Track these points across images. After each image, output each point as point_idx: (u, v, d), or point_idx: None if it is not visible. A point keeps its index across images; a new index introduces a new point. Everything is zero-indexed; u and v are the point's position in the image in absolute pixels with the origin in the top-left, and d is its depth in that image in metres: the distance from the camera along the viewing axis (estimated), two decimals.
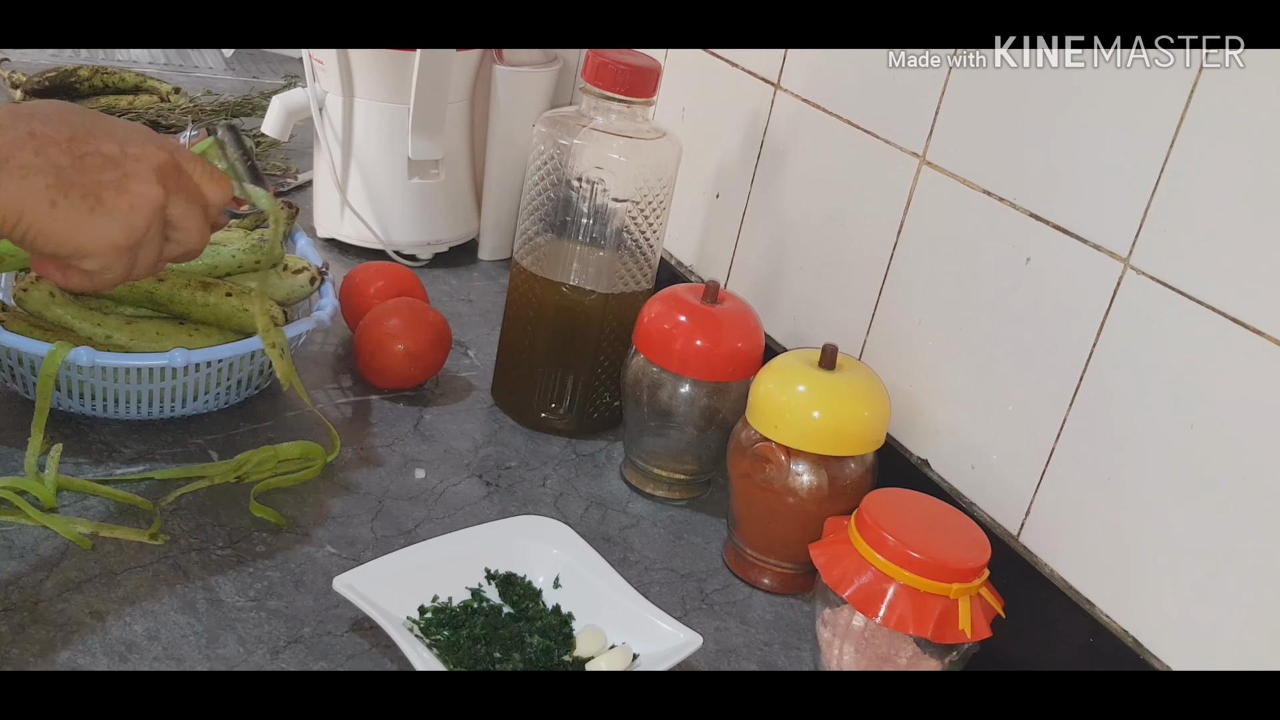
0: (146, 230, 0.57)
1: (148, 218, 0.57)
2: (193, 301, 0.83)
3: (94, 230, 0.55)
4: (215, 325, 0.84)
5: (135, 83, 1.40)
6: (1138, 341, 0.66)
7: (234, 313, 0.84)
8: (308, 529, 0.75)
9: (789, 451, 0.76)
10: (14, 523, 0.70)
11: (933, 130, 0.79)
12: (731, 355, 0.83)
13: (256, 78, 1.64)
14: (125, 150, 0.56)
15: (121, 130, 0.57)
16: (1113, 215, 0.67)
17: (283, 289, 0.88)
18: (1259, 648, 0.60)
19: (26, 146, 0.53)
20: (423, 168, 1.12)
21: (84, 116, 0.56)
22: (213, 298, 0.83)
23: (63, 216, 0.54)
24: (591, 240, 0.87)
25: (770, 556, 0.79)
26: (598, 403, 0.92)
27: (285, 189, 1.29)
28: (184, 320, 0.84)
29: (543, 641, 0.67)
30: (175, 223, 0.59)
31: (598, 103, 0.85)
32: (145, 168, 0.56)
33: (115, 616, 0.65)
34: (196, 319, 0.84)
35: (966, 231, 0.77)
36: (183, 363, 0.78)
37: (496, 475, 0.85)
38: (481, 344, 1.04)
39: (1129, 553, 0.66)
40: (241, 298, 0.84)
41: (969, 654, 0.68)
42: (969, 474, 0.78)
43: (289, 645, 0.66)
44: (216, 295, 0.83)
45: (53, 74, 1.36)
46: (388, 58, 1.06)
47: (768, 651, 0.74)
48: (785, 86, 0.93)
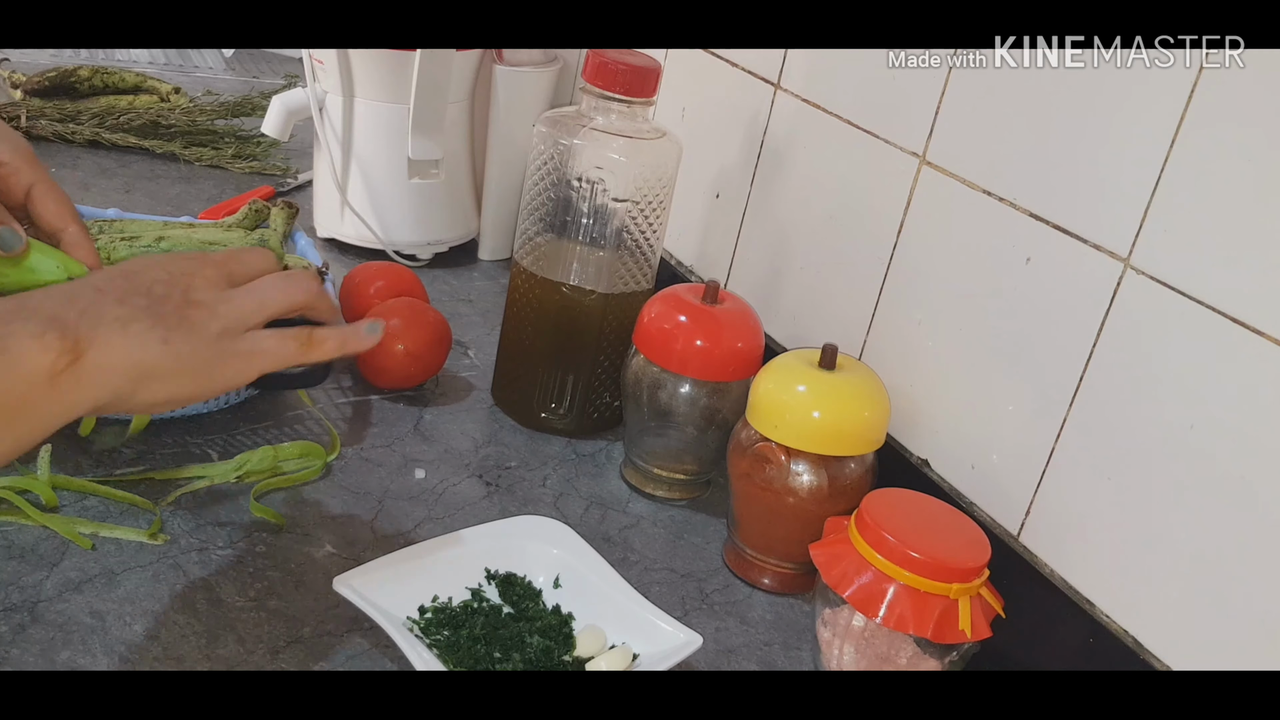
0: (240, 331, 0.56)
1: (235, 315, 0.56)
2: None
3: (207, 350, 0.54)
4: None
5: (135, 83, 1.40)
6: (1138, 341, 0.66)
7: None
8: (308, 529, 0.75)
9: (789, 451, 0.76)
10: (14, 523, 0.70)
11: (933, 130, 0.79)
12: (731, 355, 0.83)
13: (256, 78, 1.64)
14: (171, 271, 0.56)
15: (155, 260, 0.57)
16: (1113, 215, 0.67)
17: None
18: (1259, 648, 0.60)
19: (106, 300, 0.52)
20: (423, 168, 1.12)
21: (119, 265, 0.56)
22: None
23: (179, 350, 0.52)
24: (591, 240, 0.87)
25: (770, 556, 0.79)
26: (598, 403, 0.92)
27: (285, 189, 1.29)
28: None
29: (543, 641, 0.67)
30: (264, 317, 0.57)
31: (598, 103, 0.85)
32: (201, 279, 0.56)
33: (115, 616, 0.65)
34: None
35: (966, 231, 0.77)
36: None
37: (496, 475, 0.85)
38: (481, 344, 1.04)
39: (1129, 553, 0.66)
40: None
41: (969, 654, 0.68)
42: (969, 474, 0.78)
43: (289, 645, 0.66)
44: None
45: (53, 74, 1.36)
46: (388, 58, 1.06)
47: (768, 651, 0.74)
48: (785, 86, 0.93)
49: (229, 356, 0.55)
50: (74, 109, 1.31)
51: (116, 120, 1.30)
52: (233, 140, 1.35)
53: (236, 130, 1.37)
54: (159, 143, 1.30)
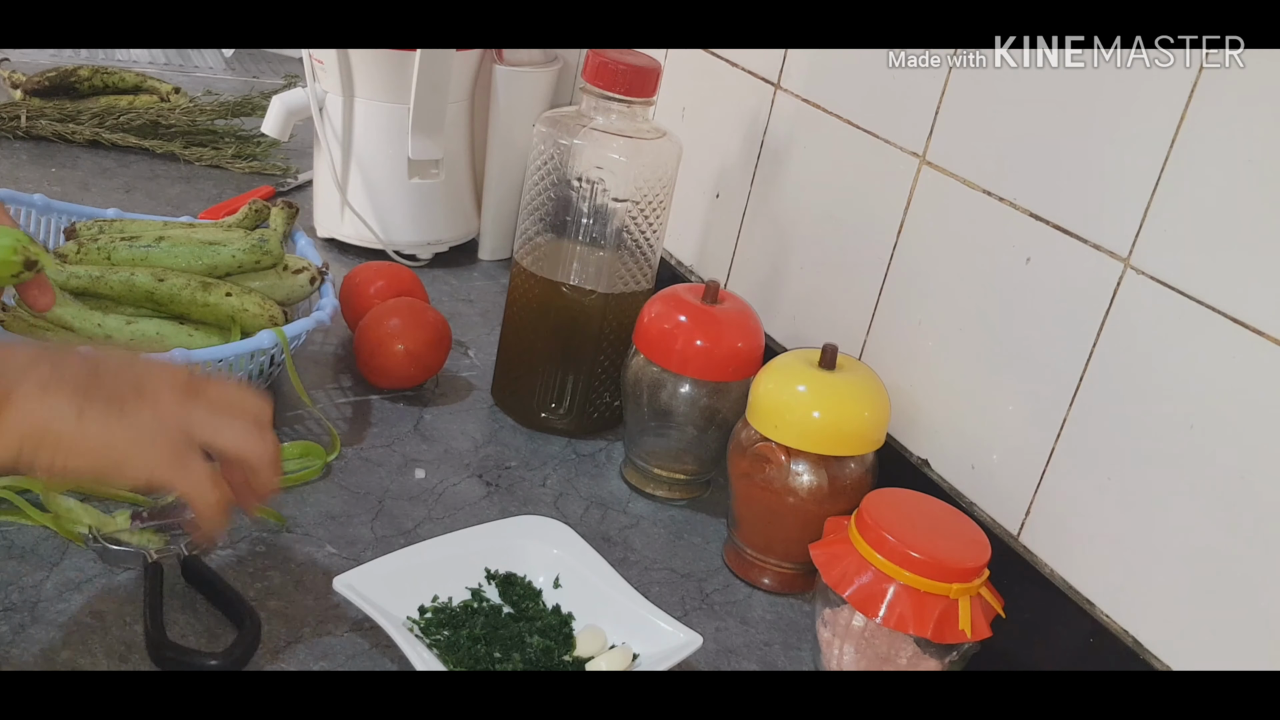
0: (178, 437, 0.55)
1: (174, 424, 0.55)
2: (193, 301, 0.83)
3: (126, 438, 0.53)
4: (215, 325, 0.84)
5: (135, 83, 1.40)
6: (1138, 341, 0.66)
7: (234, 313, 0.84)
8: (308, 529, 0.75)
9: (789, 451, 0.76)
10: (14, 523, 0.70)
11: (933, 130, 0.79)
12: (731, 355, 0.83)
13: (256, 78, 1.64)
14: (136, 368, 0.56)
15: (131, 357, 0.57)
16: (1113, 215, 0.67)
17: (283, 289, 0.88)
18: (1259, 648, 0.60)
19: (43, 363, 0.53)
20: (423, 168, 1.12)
21: (96, 352, 0.57)
22: (213, 298, 0.83)
23: (92, 424, 0.52)
24: (591, 240, 0.87)
25: (770, 556, 0.79)
26: (598, 403, 0.92)
27: (285, 189, 1.29)
28: (184, 320, 0.84)
29: (543, 641, 0.67)
30: (207, 436, 0.56)
31: (598, 103, 0.85)
32: (159, 379, 0.56)
33: (115, 616, 0.65)
34: (196, 319, 0.84)
35: (966, 231, 0.77)
36: (183, 363, 0.78)
37: (496, 475, 0.85)
38: (481, 344, 1.04)
39: (1129, 553, 0.66)
40: (241, 297, 0.84)
41: (969, 654, 0.68)
42: (969, 474, 0.78)
43: (289, 645, 0.66)
44: (216, 295, 0.83)
45: (53, 74, 1.36)
46: (388, 58, 1.06)
47: (768, 651, 0.74)
48: (785, 86, 0.93)
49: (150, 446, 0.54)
50: (74, 109, 1.31)
51: (116, 120, 1.30)
52: (233, 140, 1.35)
53: (236, 130, 1.37)
54: (159, 143, 1.30)
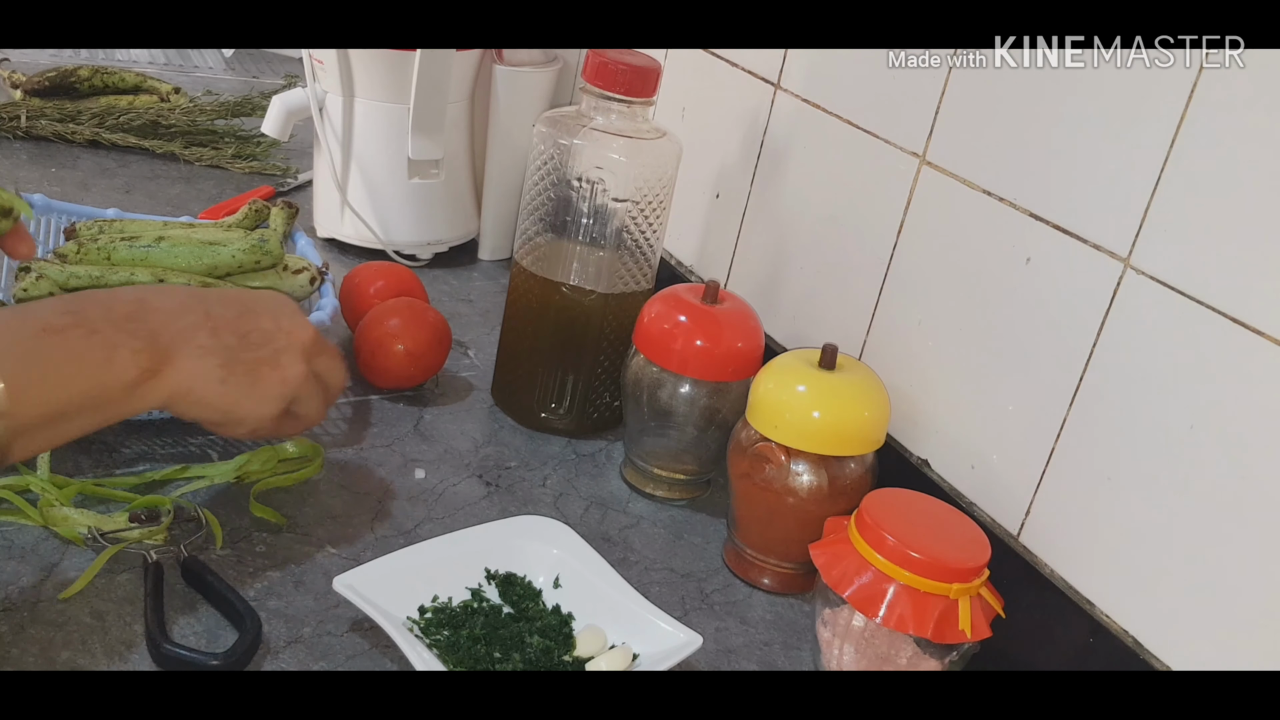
0: (288, 400, 0.66)
1: (293, 390, 0.66)
2: None
3: (250, 403, 0.64)
4: None
5: (135, 83, 1.40)
6: (1138, 341, 0.66)
7: None
8: (308, 529, 0.75)
9: (789, 451, 0.76)
10: (14, 523, 0.70)
11: (933, 130, 0.79)
12: (731, 355, 0.83)
13: (256, 78, 1.64)
14: (279, 324, 0.66)
15: (275, 304, 0.67)
16: (1113, 215, 0.67)
17: (282, 289, 0.88)
18: (1259, 648, 0.60)
19: (203, 328, 0.62)
20: (423, 168, 1.12)
21: (246, 293, 0.67)
22: None
23: (229, 393, 0.62)
24: (591, 240, 0.87)
25: (770, 556, 0.79)
26: (598, 403, 0.92)
27: (285, 189, 1.29)
28: None
29: (543, 641, 0.67)
30: (301, 406, 0.67)
31: (598, 103, 0.85)
32: (295, 342, 0.66)
33: (115, 616, 0.65)
34: None
35: (966, 231, 0.77)
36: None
37: (496, 475, 0.85)
38: (481, 344, 1.04)
39: (1129, 553, 0.66)
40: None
41: (969, 654, 0.68)
42: (969, 474, 0.78)
43: (289, 645, 0.66)
44: None
45: (53, 74, 1.36)
46: (388, 58, 1.06)
47: (768, 651, 0.74)
48: (785, 86, 0.93)
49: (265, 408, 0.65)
50: (74, 109, 1.31)
51: (116, 120, 1.30)
52: (233, 140, 1.35)
53: (236, 130, 1.36)
54: (159, 143, 1.30)
